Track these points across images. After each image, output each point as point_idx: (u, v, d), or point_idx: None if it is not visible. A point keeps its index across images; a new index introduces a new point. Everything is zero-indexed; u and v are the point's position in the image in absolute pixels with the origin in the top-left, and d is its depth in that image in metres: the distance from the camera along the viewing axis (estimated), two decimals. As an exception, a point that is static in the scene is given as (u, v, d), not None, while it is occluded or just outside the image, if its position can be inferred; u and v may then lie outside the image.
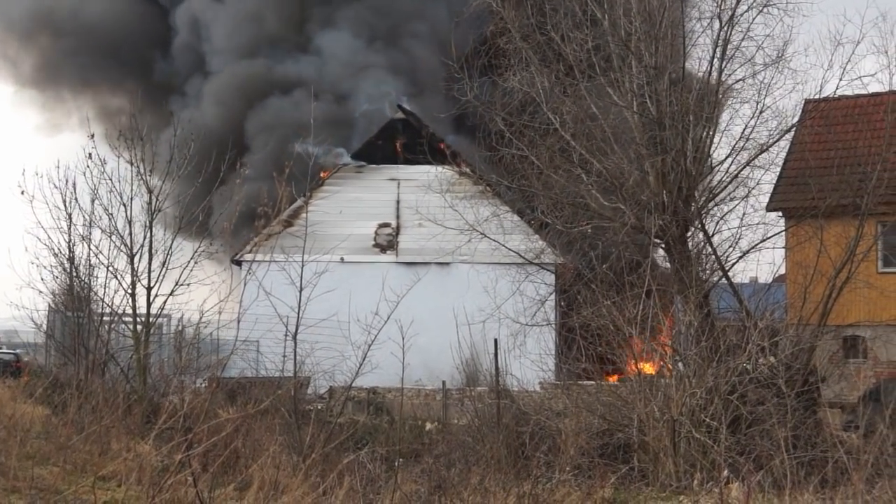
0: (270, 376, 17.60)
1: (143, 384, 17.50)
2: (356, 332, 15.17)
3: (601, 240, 20.39)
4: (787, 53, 19.56)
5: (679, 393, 14.13)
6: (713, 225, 20.04)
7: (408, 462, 14.38)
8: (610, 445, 14.78)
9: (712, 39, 19.42)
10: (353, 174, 36.66)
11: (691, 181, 19.14)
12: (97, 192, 19.18)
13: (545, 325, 22.49)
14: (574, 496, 11.00)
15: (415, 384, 27.23)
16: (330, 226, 32.48)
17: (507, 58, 20.72)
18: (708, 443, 13.44)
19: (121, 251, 18.86)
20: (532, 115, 20.58)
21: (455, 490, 9.89)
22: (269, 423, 13.60)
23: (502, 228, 24.18)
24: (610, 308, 15.93)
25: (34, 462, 11.34)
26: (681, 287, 17.86)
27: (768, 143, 19.88)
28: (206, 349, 20.39)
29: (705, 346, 14.93)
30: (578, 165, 19.64)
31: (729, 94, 19.76)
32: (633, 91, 19.35)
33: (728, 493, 11.12)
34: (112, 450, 12.19)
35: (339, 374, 17.44)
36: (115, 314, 18.92)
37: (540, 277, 23.79)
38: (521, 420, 16.04)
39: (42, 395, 15.90)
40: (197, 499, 7.97)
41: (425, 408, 26.83)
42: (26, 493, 9.41)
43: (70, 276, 19.11)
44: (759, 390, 14.73)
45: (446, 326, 19.86)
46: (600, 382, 16.29)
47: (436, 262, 32.02)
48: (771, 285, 19.81)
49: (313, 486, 10.44)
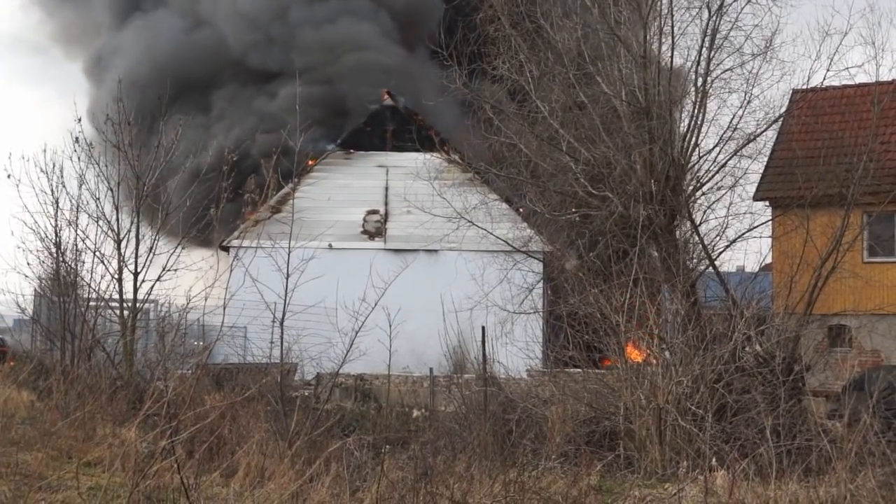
0: (257, 363, 17.60)
1: (129, 370, 17.47)
2: (343, 319, 15.16)
3: (588, 228, 20.41)
4: (775, 43, 19.63)
5: (665, 381, 14.17)
6: (700, 214, 20.14)
7: (395, 449, 14.36)
8: (596, 433, 14.81)
9: (701, 29, 19.45)
10: (342, 161, 36.57)
11: (679, 170, 19.18)
12: (84, 177, 19.13)
13: (533, 312, 22.52)
14: (560, 483, 11.01)
15: (402, 371, 27.25)
16: (318, 212, 32.37)
17: (497, 45, 20.68)
18: (693, 431, 13.48)
19: (108, 236, 18.82)
20: (520, 104, 20.57)
21: (441, 477, 9.89)
22: (255, 409, 13.56)
23: (490, 216, 24.18)
24: (597, 296, 15.94)
25: (18, 448, 11.32)
26: (668, 276, 17.90)
27: (756, 133, 19.95)
28: (193, 335, 20.37)
29: (692, 334, 14.96)
30: (566, 154, 19.64)
31: (717, 83, 19.77)
32: (621, 80, 19.35)
33: (713, 480, 11.16)
34: (97, 436, 12.17)
35: (326, 361, 17.43)
36: (102, 299, 18.88)
37: (527, 265, 23.81)
38: (508, 407, 16.06)
39: (27, 380, 15.87)
40: (182, 485, 7.95)
41: (412, 395, 26.86)
42: (10, 478, 9.39)
43: (56, 261, 19.05)
44: (744, 379, 14.79)
45: (434, 313, 19.86)
46: (587, 370, 16.31)
47: (424, 249, 32.02)
48: (757, 274, 19.87)
49: (299, 473, 10.43)
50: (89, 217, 18.95)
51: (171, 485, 8.77)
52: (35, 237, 18.73)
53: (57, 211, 18.67)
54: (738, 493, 10.29)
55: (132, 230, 18.71)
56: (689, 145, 19.37)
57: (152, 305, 21.58)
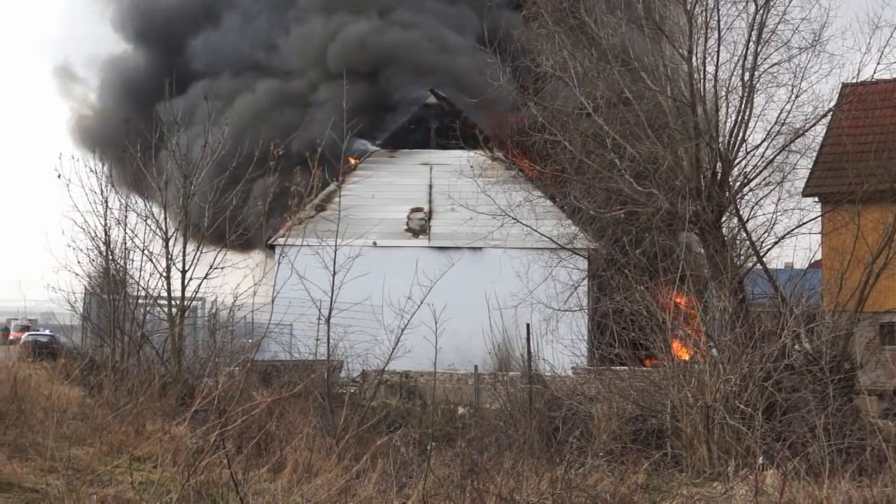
0: (304, 359, 17.69)
1: (177, 366, 17.65)
2: (389, 316, 15.21)
3: (634, 225, 20.28)
4: (823, 37, 19.31)
5: (713, 379, 14.04)
6: (748, 210, 19.88)
7: (440, 446, 14.37)
8: (643, 431, 14.73)
9: (747, 23, 19.20)
10: (386, 159, 36.67)
11: (726, 166, 18.99)
12: (132, 177, 19.37)
13: (578, 310, 22.43)
14: (607, 481, 10.96)
15: (447, 368, 27.25)
16: (362, 210, 32.48)
17: (540, 42, 20.60)
18: (742, 429, 13.35)
19: (156, 235, 19.03)
20: (565, 100, 20.47)
21: (488, 474, 9.88)
22: (302, 405, 13.65)
23: (534, 213, 24.10)
24: (643, 293, 15.84)
25: (70, 443, 11.48)
26: (715, 273, 17.73)
27: (804, 128, 19.66)
28: (240, 332, 20.53)
29: (740, 332, 14.80)
30: (611, 150, 19.51)
31: (764, 77, 19.54)
32: (666, 75, 19.19)
33: (763, 479, 11.05)
34: (147, 431, 12.31)
35: (371, 358, 17.51)
36: (150, 297, 19.08)
37: (572, 263, 23.71)
38: (554, 405, 16.01)
39: (78, 377, 16.10)
40: (231, 480, 8.01)
41: (457, 392, 26.85)
42: (63, 473, 9.50)
43: (106, 259, 19.29)
44: (794, 377, 14.62)
45: (478, 311, 19.82)
46: (633, 368, 16.21)
47: (468, 246, 32.02)
48: (807, 271, 19.63)
49: (346, 469, 10.48)
50: (138, 216, 19.18)
51: (220, 480, 8.84)
52: (85, 236, 19.00)
53: (106, 210, 18.92)
54: (789, 493, 10.17)
55: (180, 228, 18.91)
56: (735, 141, 19.16)
57: (199, 303, 21.78)
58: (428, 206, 35.87)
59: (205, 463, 8.58)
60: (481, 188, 24.39)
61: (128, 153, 18.98)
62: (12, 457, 10.45)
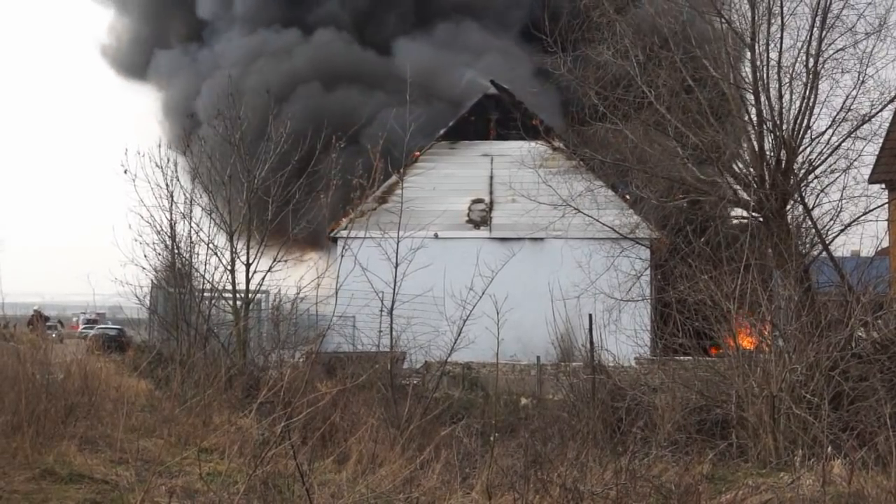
0: (367, 351, 17.82)
1: (242, 358, 17.88)
2: (451, 308, 15.26)
3: (697, 214, 20.10)
4: (889, 21, 19.00)
5: (779, 368, 13.88)
6: (813, 198, 19.61)
7: (503, 436, 14.38)
8: (707, 421, 14.60)
9: (811, 8, 18.93)
10: (447, 150, 36.70)
11: (790, 153, 18.75)
12: (198, 171, 19.63)
13: (640, 300, 22.30)
14: (671, 471, 10.89)
15: (509, 359, 27.25)
16: (424, 202, 32.48)
17: (601, 31, 20.49)
18: (809, 419, 13.18)
19: (220, 229, 19.28)
20: (626, 89, 20.34)
21: (551, 465, 9.88)
22: (366, 397, 13.76)
23: (596, 203, 24.00)
24: (707, 283, 15.70)
25: (139, 434, 11.71)
26: (780, 261, 17.52)
27: (870, 114, 19.32)
28: (304, 324, 20.73)
29: (806, 320, 14.61)
30: (674, 139, 19.37)
31: (828, 63, 19.23)
32: (729, 62, 19.00)
33: (830, 469, 10.91)
34: (214, 422, 12.50)
35: (434, 349, 17.58)
36: (216, 290, 19.35)
37: (635, 252, 23.58)
38: (617, 395, 15.94)
39: (146, 370, 16.38)
40: (296, 471, 8.12)
41: (520, 383, 26.81)
42: (132, 464, 9.71)
43: (172, 253, 19.58)
44: (861, 366, 14.39)
45: (540, 301, 19.84)
46: (697, 358, 16.08)
47: (529, 237, 31.95)
48: (874, 259, 19.29)
49: (410, 460, 10.55)
50: (202, 210, 19.45)
51: (286, 471, 8.96)
52: (151, 230, 19.29)
53: (171, 204, 19.19)
54: (856, 483, 10.03)
55: (244, 222, 19.15)
56: (800, 128, 18.89)
57: (264, 296, 22.03)
58: (489, 196, 35.84)
59: (271, 454, 8.70)
60: (542, 178, 24.32)
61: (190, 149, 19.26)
62: (83, 448, 10.69)
